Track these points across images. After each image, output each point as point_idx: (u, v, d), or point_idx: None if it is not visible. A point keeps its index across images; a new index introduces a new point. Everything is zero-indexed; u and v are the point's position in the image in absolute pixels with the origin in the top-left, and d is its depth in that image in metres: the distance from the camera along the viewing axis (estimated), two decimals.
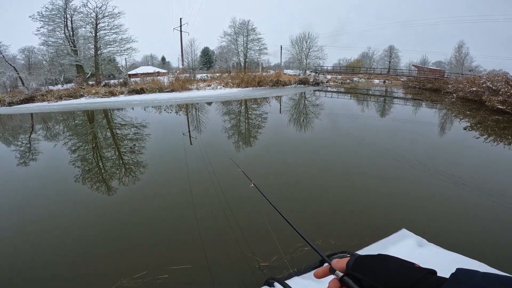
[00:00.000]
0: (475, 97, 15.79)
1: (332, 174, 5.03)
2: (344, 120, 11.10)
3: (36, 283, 2.54)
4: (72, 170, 5.65)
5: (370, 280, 0.43)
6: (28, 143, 8.60)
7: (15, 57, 28.92)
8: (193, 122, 10.96)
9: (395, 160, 5.59)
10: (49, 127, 11.45)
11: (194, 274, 2.52)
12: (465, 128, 9.34)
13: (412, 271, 0.40)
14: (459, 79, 21.31)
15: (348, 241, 2.86)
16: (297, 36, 36.27)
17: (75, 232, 3.33)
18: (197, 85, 25.04)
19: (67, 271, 2.65)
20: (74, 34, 26.57)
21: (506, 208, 3.62)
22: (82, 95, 21.71)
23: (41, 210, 3.93)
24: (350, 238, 2.91)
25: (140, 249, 2.94)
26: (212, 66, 44.58)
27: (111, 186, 4.70)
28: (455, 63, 35.57)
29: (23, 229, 3.45)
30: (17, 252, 2.98)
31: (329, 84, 32.01)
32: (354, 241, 2.82)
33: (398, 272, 0.40)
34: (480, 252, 2.62)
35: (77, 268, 2.70)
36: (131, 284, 2.42)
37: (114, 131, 9.70)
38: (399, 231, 2.61)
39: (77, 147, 7.73)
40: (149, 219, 3.58)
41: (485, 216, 3.48)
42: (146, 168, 5.50)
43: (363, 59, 50.64)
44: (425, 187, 4.33)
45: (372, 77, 40.25)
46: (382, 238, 2.54)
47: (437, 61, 45.19)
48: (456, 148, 7.08)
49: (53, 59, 27.65)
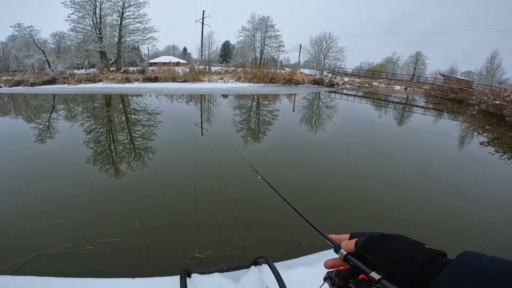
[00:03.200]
0: (497, 111, 14.56)
1: (335, 177, 4.87)
2: (350, 125, 10.72)
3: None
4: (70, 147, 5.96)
5: (378, 260, 0.41)
6: (36, 120, 9.21)
7: (46, 41, 30.96)
8: (198, 112, 11.13)
9: (395, 165, 5.42)
10: (60, 108, 12.17)
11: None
12: (482, 143, 8.66)
13: (422, 251, 0.38)
14: (485, 91, 19.77)
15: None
16: (317, 35, 35.45)
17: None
18: (209, 78, 25.36)
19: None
20: (102, 21, 27.82)
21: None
22: (100, 80, 22.81)
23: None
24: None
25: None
26: (230, 60, 44.84)
27: (122, 170, 4.67)
28: (485, 74, 32.99)
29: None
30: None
31: (345, 86, 31.00)
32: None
33: (407, 252, 0.39)
34: None
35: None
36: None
37: (127, 116, 10.10)
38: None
39: (82, 128, 8.15)
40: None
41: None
42: (155, 154, 5.55)
43: (386, 64, 48.51)
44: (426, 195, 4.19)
45: (393, 83, 38.43)
46: None
47: (467, 71, 42.25)
48: (468, 162, 6.64)
49: (80, 44, 29.14)
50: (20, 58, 27.88)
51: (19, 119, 9.56)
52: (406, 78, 36.48)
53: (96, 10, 27.08)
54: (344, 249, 0.47)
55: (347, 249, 0.46)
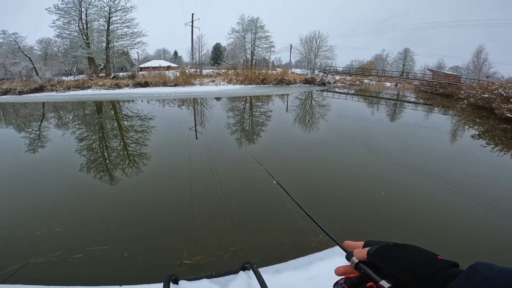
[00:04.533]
0: (486, 104, 14.89)
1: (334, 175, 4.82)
2: (337, 120, 10.76)
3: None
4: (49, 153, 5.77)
5: (389, 268, 0.41)
6: (26, 129, 8.91)
7: (32, 47, 29.99)
8: (191, 116, 10.99)
9: (387, 161, 5.39)
10: (50, 116, 11.84)
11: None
12: (473, 137, 8.83)
13: (434, 262, 0.38)
14: (473, 85, 20.22)
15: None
16: (307, 35, 35.67)
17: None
18: (201, 81, 25.18)
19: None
20: (88, 27, 27.22)
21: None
22: (89, 86, 22.35)
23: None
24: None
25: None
26: (221, 62, 44.68)
27: (114, 176, 4.61)
28: (472, 69, 33.74)
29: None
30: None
31: (337, 85, 31.25)
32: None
33: (419, 261, 0.39)
34: None
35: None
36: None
37: (118, 122, 9.88)
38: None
39: (74, 136, 7.92)
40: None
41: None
42: (148, 159, 5.45)
43: (376, 61, 49.16)
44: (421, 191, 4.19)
45: (383, 80, 38.96)
46: None
47: (454, 65, 43.18)
48: (460, 155, 6.76)
49: (67, 51, 28.36)
50: (7, 65, 27.08)
51: (10, 128, 9.26)
52: (395, 74, 37.06)
53: (82, 15, 26.38)
54: (356, 257, 0.47)
55: (359, 257, 0.46)
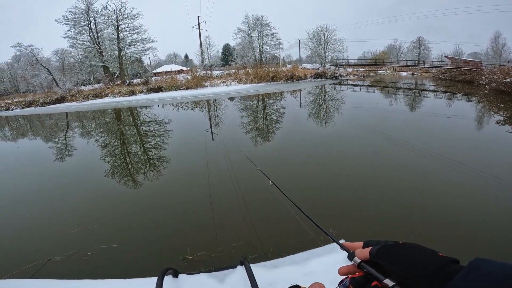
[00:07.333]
0: (509, 89, 14.18)
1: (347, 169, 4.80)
2: (349, 113, 10.56)
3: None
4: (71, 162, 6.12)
5: (391, 267, 0.42)
6: (53, 139, 9.46)
7: (50, 59, 31.43)
8: (205, 117, 11.21)
9: (411, 152, 5.31)
10: (74, 126, 12.47)
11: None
12: (498, 122, 8.37)
13: (435, 259, 0.39)
14: (494, 70, 19.17)
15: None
16: (314, 29, 35.08)
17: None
18: (211, 82, 25.47)
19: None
20: (99, 36, 28.02)
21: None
22: (106, 94, 23.23)
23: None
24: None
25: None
26: (231, 62, 44.87)
27: (135, 179, 4.91)
28: (492, 54, 31.96)
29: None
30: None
31: (349, 77, 30.58)
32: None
33: (421, 259, 0.40)
34: None
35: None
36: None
37: (137, 128, 10.28)
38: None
39: (97, 144, 8.34)
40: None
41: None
42: (168, 163, 5.69)
43: (389, 51, 47.54)
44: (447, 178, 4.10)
45: (398, 69, 37.67)
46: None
47: (473, 52, 40.95)
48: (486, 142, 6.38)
49: (82, 60, 29.36)
50: (28, 78, 28.50)
51: (38, 139, 9.90)
52: (411, 63, 35.68)
53: (91, 25, 27.21)
54: (358, 257, 0.48)
55: (361, 257, 0.47)
